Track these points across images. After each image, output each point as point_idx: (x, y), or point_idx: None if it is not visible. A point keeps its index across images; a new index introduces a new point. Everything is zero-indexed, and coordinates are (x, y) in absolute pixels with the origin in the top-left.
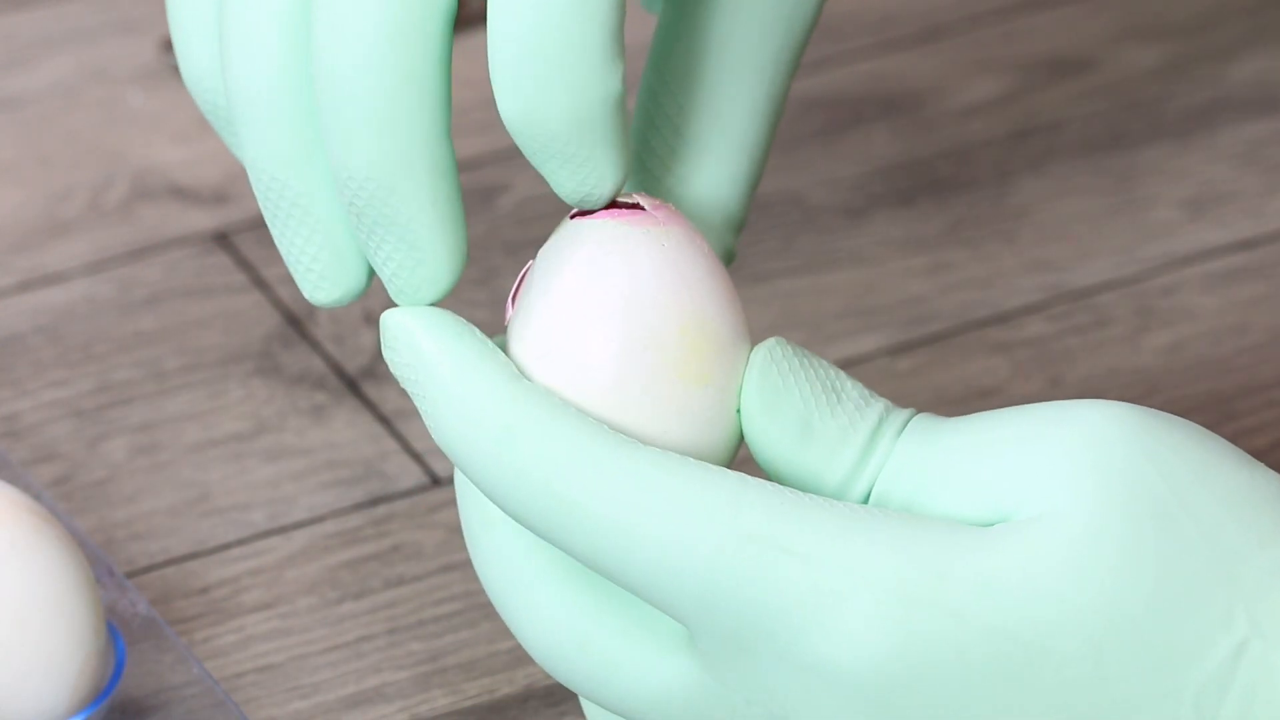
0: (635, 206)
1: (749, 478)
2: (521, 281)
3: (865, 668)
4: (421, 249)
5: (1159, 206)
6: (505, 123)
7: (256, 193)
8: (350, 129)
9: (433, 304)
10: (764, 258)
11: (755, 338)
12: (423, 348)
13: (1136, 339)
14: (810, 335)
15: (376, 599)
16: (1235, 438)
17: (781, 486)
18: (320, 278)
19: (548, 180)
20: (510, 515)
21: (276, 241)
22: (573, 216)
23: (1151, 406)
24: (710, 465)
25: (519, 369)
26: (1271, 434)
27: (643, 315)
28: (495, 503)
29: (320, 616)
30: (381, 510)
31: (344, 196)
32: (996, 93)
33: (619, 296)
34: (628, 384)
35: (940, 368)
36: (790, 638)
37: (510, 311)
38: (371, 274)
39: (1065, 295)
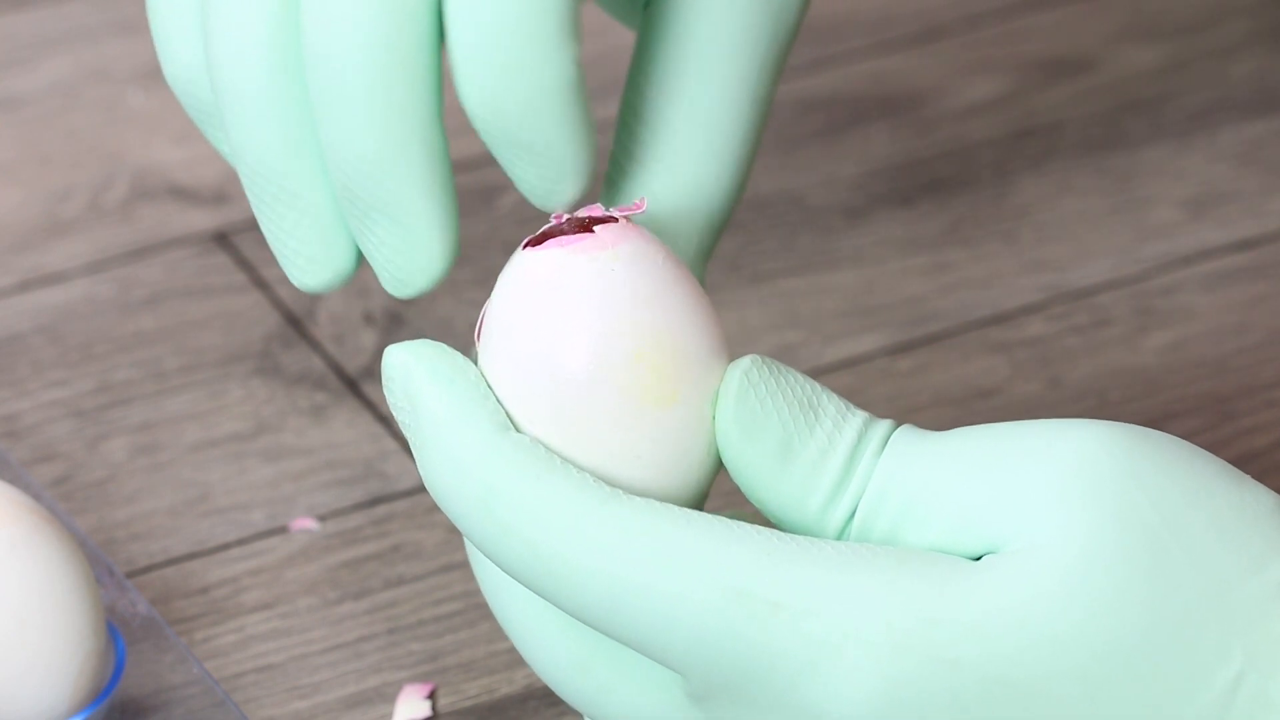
0: (587, 228)
1: (735, 524)
2: (483, 319)
3: (858, 717)
4: (415, 233)
5: (1159, 206)
6: (468, 114)
7: (243, 180)
8: (345, 110)
9: (423, 292)
10: (764, 258)
11: (754, 338)
12: (419, 392)
13: (1136, 339)
14: (810, 335)
15: (376, 599)
16: (1235, 438)
17: (769, 531)
18: (308, 261)
19: (514, 181)
20: (499, 568)
21: (263, 227)
22: (524, 246)
23: (1151, 406)
24: (696, 514)
25: (506, 414)
26: (1271, 434)
27: (594, 347)
28: (484, 554)
29: (320, 616)
30: (381, 510)
31: (337, 180)
32: (996, 93)
33: (567, 332)
34: (594, 417)
35: (940, 368)
36: (783, 689)
37: (478, 346)
38: (359, 257)
39: (1065, 295)
